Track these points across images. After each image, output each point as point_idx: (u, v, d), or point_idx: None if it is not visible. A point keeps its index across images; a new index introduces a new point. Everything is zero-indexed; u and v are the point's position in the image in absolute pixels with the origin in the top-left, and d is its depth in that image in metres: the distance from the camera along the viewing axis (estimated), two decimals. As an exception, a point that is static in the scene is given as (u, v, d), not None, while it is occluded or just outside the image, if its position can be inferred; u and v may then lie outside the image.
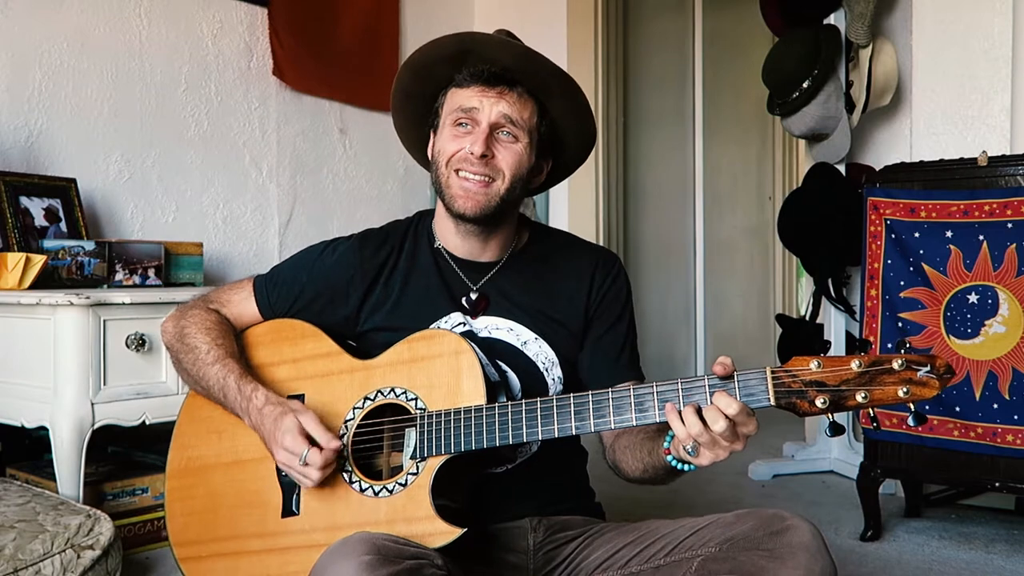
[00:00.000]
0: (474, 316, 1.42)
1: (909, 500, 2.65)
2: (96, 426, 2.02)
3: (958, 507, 2.70)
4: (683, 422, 1.13)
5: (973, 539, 2.41)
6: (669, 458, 1.22)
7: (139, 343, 2.07)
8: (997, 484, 2.24)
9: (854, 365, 1.09)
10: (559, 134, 1.45)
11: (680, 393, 1.16)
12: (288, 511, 1.34)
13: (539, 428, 1.21)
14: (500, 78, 1.36)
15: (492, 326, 1.41)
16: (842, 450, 3.15)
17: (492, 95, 1.35)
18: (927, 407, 2.27)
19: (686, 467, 1.21)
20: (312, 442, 1.27)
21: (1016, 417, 2.18)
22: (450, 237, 1.45)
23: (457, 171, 1.36)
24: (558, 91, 1.40)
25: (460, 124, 1.37)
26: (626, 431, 1.34)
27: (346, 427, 1.34)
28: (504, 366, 1.39)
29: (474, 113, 1.36)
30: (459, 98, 1.37)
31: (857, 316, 2.83)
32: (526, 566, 1.36)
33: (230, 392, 1.37)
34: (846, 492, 2.80)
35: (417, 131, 1.50)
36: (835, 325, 3.16)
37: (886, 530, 2.47)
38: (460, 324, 1.40)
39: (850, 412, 2.91)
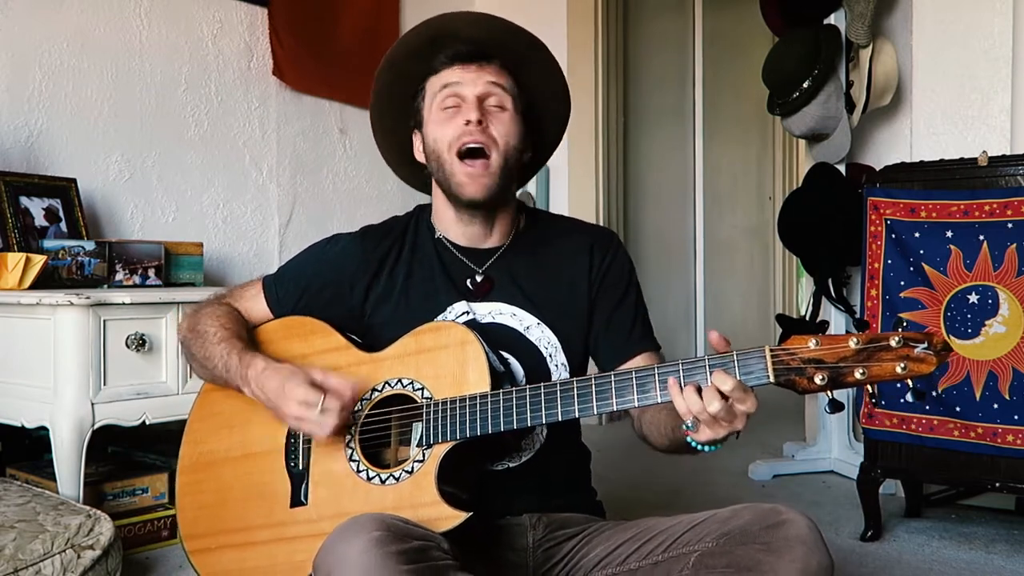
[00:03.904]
0: (477, 299, 1.42)
1: (909, 500, 2.65)
2: (96, 426, 2.02)
3: (958, 507, 2.70)
4: (684, 399, 1.14)
5: (973, 539, 2.41)
6: (689, 439, 1.22)
7: (139, 343, 2.07)
8: (997, 484, 2.24)
9: (852, 343, 1.10)
10: (536, 111, 1.46)
11: (681, 374, 1.17)
12: (296, 501, 1.35)
13: (543, 412, 1.22)
14: (475, 55, 1.38)
15: (495, 311, 1.42)
16: (842, 450, 3.15)
17: (472, 71, 1.37)
18: (927, 406, 2.28)
19: (706, 448, 1.20)
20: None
21: (1016, 417, 2.18)
22: (451, 226, 1.46)
23: (460, 156, 1.37)
24: (536, 63, 1.41)
25: (447, 107, 1.38)
26: (650, 408, 1.34)
27: (354, 418, 1.35)
28: (506, 354, 1.39)
29: (458, 88, 1.37)
30: (440, 82, 1.39)
31: (857, 316, 2.83)
32: (526, 563, 1.36)
33: (232, 365, 1.38)
34: (846, 492, 2.80)
35: (398, 140, 1.51)
36: (835, 325, 3.15)
37: (886, 530, 2.47)
38: (464, 313, 1.41)
39: (849, 401, 2.95)
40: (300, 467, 1.37)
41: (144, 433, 2.21)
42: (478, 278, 1.44)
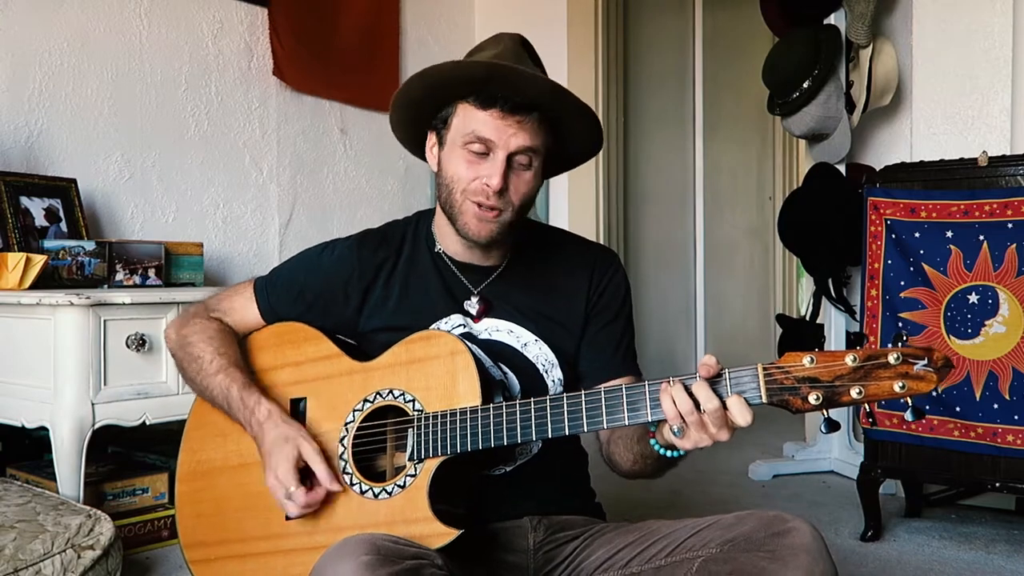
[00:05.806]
0: (476, 320, 1.42)
1: (909, 500, 2.65)
2: (96, 426, 2.02)
3: (958, 507, 2.70)
4: (674, 401, 1.12)
5: (973, 539, 2.41)
6: (652, 441, 1.22)
7: (139, 343, 2.07)
8: (997, 484, 2.24)
9: (848, 360, 1.07)
10: (565, 143, 1.42)
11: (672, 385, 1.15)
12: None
13: (533, 429, 1.22)
14: (520, 107, 1.31)
15: (492, 328, 1.41)
16: (842, 450, 3.15)
17: (511, 125, 1.30)
18: (927, 407, 2.27)
19: (670, 452, 1.21)
20: (303, 476, 1.30)
21: (1016, 417, 2.18)
22: (451, 243, 1.44)
23: (470, 199, 1.34)
24: (580, 124, 1.38)
25: (473, 152, 1.32)
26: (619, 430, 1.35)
27: (346, 429, 1.34)
28: (504, 367, 1.39)
29: (490, 143, 1.31)
30: (474, 121, 1.31)
31: (857, 316, 2.83)
32: (526, 566, 1.36)
33: (233, 402, 1.38)
34: (846, 492, 2.80)
35: (414, 129, 1.46)
36: (835, 325, 3.16)
37: (886, 530, 2.47)
38: (460, 326, 1.40)
39: (847, 408, 2.96)
40: None
41: (144, 433, 2.21)
42: (474, 299, 1.42)
